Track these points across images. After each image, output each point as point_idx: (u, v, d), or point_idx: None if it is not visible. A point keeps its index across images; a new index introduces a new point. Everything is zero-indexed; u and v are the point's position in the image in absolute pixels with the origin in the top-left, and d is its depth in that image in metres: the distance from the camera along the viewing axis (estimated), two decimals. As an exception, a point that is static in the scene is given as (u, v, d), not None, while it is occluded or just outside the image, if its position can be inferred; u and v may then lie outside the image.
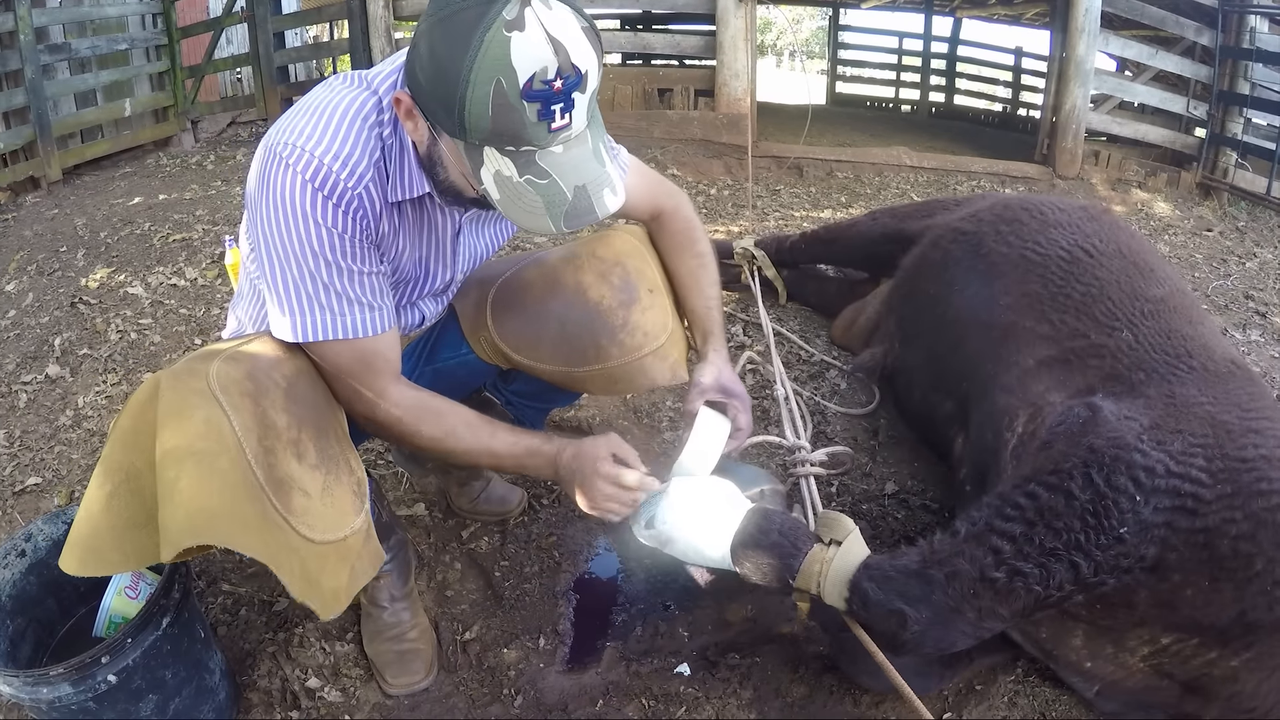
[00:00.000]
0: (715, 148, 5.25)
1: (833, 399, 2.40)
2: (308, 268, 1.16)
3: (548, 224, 1.09)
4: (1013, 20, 10.99)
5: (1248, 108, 5.57)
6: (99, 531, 1.10)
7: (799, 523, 1.40)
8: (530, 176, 1.07)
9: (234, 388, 1.10)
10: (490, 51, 0.98)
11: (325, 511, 1.15)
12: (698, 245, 1.59)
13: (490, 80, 0.99)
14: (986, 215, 2.02)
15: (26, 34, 4.73)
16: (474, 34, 0.98)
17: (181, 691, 1.36)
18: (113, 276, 3.26)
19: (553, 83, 1.00)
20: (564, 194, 1.08)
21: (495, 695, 1.54)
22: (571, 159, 1.09)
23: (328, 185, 1.13)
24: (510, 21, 0.98)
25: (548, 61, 0.99)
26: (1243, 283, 3.79)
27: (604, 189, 1.12)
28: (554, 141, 1.06)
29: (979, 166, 5.53)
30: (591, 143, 1.11)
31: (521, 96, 1.00)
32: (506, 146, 1.05)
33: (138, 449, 1.09)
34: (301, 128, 1.15)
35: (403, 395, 1.30)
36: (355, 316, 1.21)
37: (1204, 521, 1.21)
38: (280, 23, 6.43)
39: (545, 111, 1.02)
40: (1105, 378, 1.52)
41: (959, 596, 1.26)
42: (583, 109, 1.06)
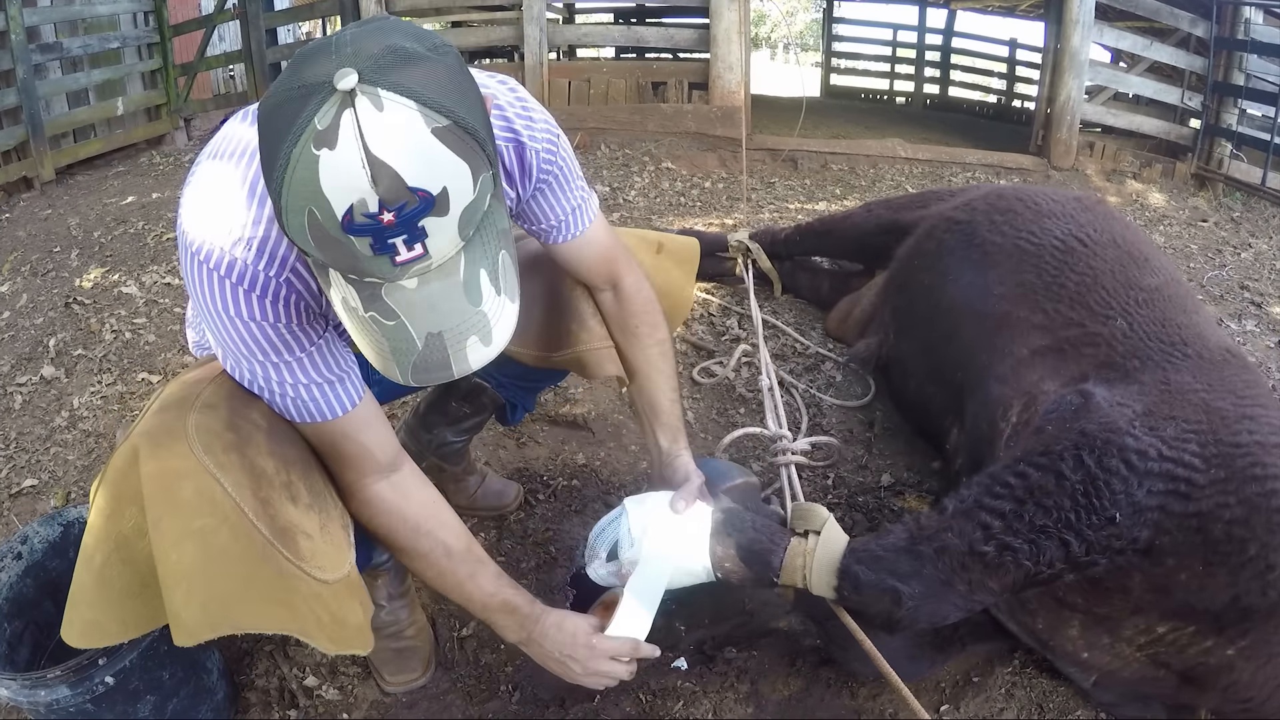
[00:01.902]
0: (709, 141, 5.25)
1: (828, 391, 2.40)
2: (257, 360, 1.04)
3: (395, 372, 0.90)
4: (1007, 11, 10.99)
5: (1242, 98, 5.58)
6: (95, 605, 1.07)
7: (771, 515, 1.39)
8: (374, 314, 0.87)
9: (216, 443, 1.03)
10: (298, 174, 0.77)
11: (328, 550, 1.11)
12: (658, 331, 1.47)
13: (302, 210, 0.78)
14: (980, 205, 2.03)
15: (18, 33, 4.71)
16: (282, 145, 0.78)
17: (179, 692, 1.35)
18: (107, 276, 3.25)
19: (379, 216, 0.77)
20: (413, 341, 0.88)
21: (493, 692, 1.54)
22: (427, 297, 0.86)
23: (246, 279, 0.98)
24: (321, 134, 0.76)
25: (363, 193, 0.76)
26: (1238, 273, 3.79)
27: (468, 337, 0.89)
28: (404, 274, 0.84)
29: (974, 158, 5.53)
30: (465, 271, 0.87)
31: (343, 229, 0.78)
32: (349, 275, 0.85)
33: (124, 517, 1.05)
34: (207, 207, 0.99)
35: (376, 497, 1.18)
36: (314, 400, 1.09)
37: (1197, 506, 1.21)
38: (272, 19, 6.41)
39: (380, 245, 0.80)
40: (1100, 366, 1.52)
41: (949, 570, 1.25)
42: (446, 234, 0.82)
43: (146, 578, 1.03)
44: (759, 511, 1.44)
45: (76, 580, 1.08)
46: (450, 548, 1.23)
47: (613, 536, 1.33)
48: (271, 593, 1.03)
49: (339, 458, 1.16)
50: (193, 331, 1.39)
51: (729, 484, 1.48)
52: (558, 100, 5.41)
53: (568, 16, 10.07)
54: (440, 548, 1.22)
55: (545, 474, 2.07)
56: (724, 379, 2.39)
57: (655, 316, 1.47)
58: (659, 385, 1.48)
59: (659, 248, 1.72)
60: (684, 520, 1.34)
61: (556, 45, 6.32)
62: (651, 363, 1.47)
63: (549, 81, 5.44)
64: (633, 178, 4.70)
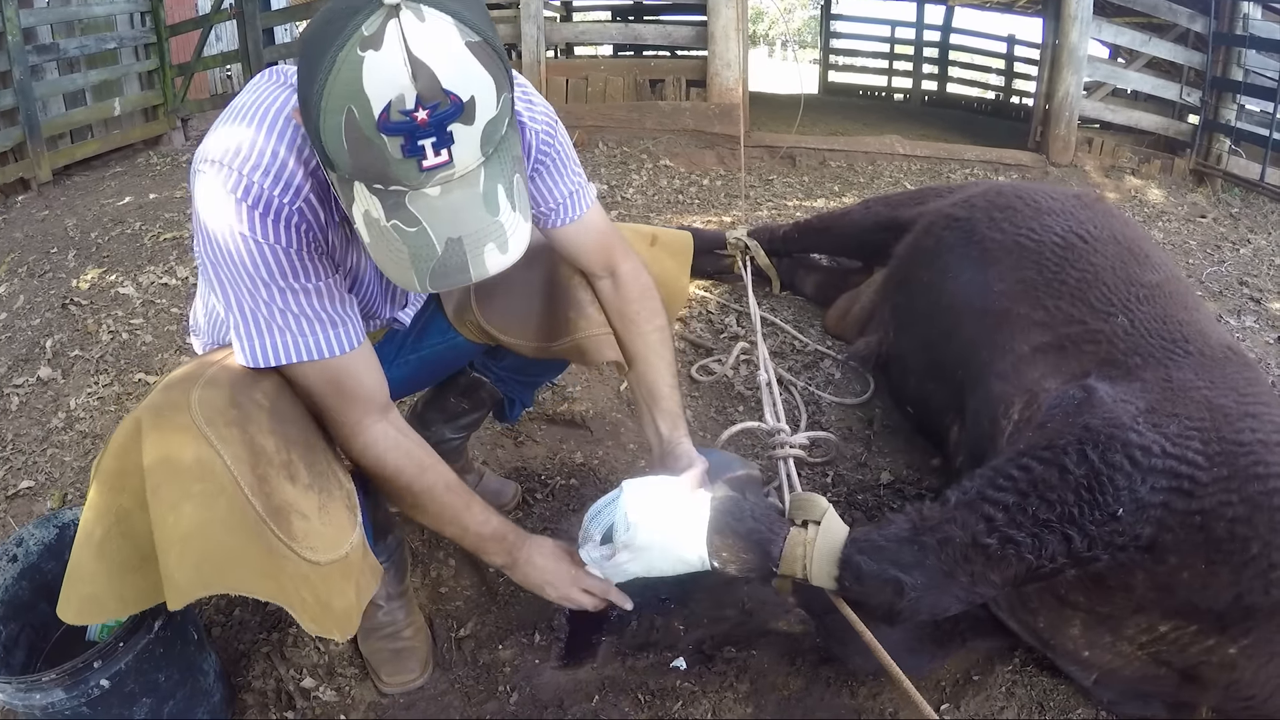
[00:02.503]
0: (708, 138, 5.24)
1: (827, 388, 2.40)
2: (259, 292, 1.07)
3: (412, 279, 0.95)
4: (1005, 8, 11.00)
5: (1241, 94, 5.58)
6: (94, 579, 1.06)
7: (770, 506, 1.37)
8: (397, 221, 0.92)
9: (219, 418, 1.05)
10: (341, 75, 0.85)
11: (325, 531, 1.12)
12: (656, 318, 1.46)
13: (341, 109, 0.86)
14: (980, 201, 2.02)
15: (14, 34, 4.70)
16: (328, 52, 0.85)
17: (175, 694, 1.35)
18: (104, 277, 3.24)
19: (413, 113, 0.85)
20: (433, 246, 0.93)
21: (491, 692, 1.53)
22: (449, 205, 0.92)
23: (261, 202, 1.03)
24: (368, 38, 0.84)
25: (403, 88, 0.84)
26: (1237, 269, 3.79)
27: (486, 244, 0.95)
28: (428, 182, 0.91)
29: (972, 154, 5.53)
30: (484, 184, 0.94)
31: (378, 129, 0.86)
32: (374, 184, 0.91)
33: (125, 490, 1.05)
34: (228, 142, 1.04)
35: (383, 434, 1.21)
36: (316, 335, 1.11)
37: (1200, 504, 1.21)
38: (269, 19, 6.40)
39: (411, 147, 0.87)
40: (1101, 363, 1.51)
41: (951, 561, 1.24)
42: (470, 143, 0.90)
43: (146, 552, 1.03)
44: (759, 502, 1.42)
45: (75, 556, 1.08)
46: (449, 481, 1.26)
47: (609, 519, 1.30)
48: (260, 565, 1.03)
49: (342, 396, 1.16)
50: (197, 340, 1.39)
51: (730, 475, 1.46)
52: (555, 98, 5.40)
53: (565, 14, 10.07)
54: (441, 481, 1.25)
55: (543, 473, 2.06)
56: (722, 376, 2.38)
57: (653, 303, 1.47)
58: (658, 371, 1.47)
59: (653, 240, 1.72)
60: (681, 507, 1.31)
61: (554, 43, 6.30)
62: (651, 348, 1.46)
63: (546, 79, 5.43)
64: (631, 175, 4.70)
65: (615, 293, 1.46)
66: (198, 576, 0.99)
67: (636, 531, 1.26)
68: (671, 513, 1.30)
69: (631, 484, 1.32)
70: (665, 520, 1.29)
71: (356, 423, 1.19)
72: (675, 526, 1.29)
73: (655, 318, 1.47)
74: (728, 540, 1.29)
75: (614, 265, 1.45)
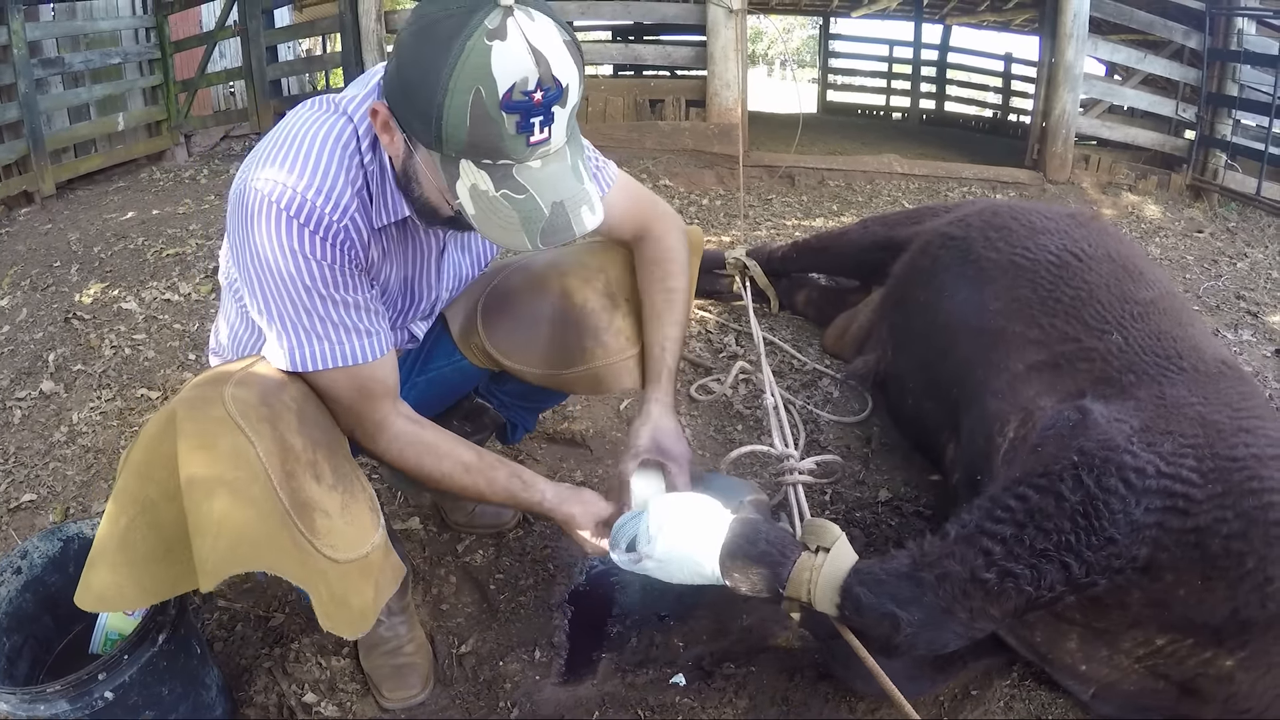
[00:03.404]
0: (707, 158, 5.27)
1: (825, 407, 2.41)
2: (301, 301, 1.15)
3: (524, 240, 1.07)
4: (1002, 27, 11.06)
5: (1236, 109, 5.61)
6: (116, 567, 1.09)
7: (785, 531, 1.40)
8: (507, 191, 1.05)
9: (252, 413, 1.10)
10: (471, 60, 0.97)
11: (347, 530, 1.16)
12: (670, 279, 1.51)
13: (469, 89, 0.98)
14: (975, 220, 2.04)
15: (20, 48, 4.74)
16: (455, 42, 0.97)
17: (178, 708, 1.35)
18: (106, 291, 3.26)
19: (533, 94, 0.99)
20: (541, 210, 1.06)
21: (492, 708, 1.54)
22: (549, 175, 1.07)
23: (313, 220, 1.12)
24: (492, 30, 0.97)
25: (529, 72, 0.98)
26: (1234, 283, 3.81)
27: (582, 206, 1.10)
28: (532, 156, 1.05)
29: (970, 172, 5.55)
30: (570, 159, 1.09)
31: (500, 107, 0.99)
32: (483, 160, 1.04)
33: (153, 481, 1.08)
34: (280, 161, 1.13)
35: (403, 428, 1.30)
36: (351, 344, 1.20)
37: (1195, 521, 1.22)
38: (273, 36, 6.44)
39: (524, 124, 1.01)
40: (1096, 381, 1.52)
41: (950, 598, 1.26)
42: (562, 124, 1.05)
43: (171, 543, 1.06)
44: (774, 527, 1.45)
45: (99, 541, 1.10)
46: (466, 462, 1.34)
47: (632, 532, 1.37)
48: (288, 551, 1.08)
49: (368, 398, 1.25)
50: (218, 359, 1.42)
51: (742, 499, 1.50)
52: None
53: (566, 33, 10.12)
54: (459, 465, 1.33)
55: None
56: (721, 396, 2.40)
57: (669, 265, 1.51)
58: (652, 330, 1.50)
59: None
60: (701, 525, 1.36)
61: (555, 61, 6.32)
62: (653, 307, 1.50)
63: (547, 97, 5.45)
64: (631, 193, 4.71)
65: (640, 251, 1.53)
66: (231, 554, 1.03)
67: (656, 544, 1.33)
68: (691, 530, 1.35)
69: (659, 500, 1.38)
70: (684, 537, 1.34)
71: (382, 420, 1.28)
72: (693, 543, 1.34)
73: (667, 279, 1.50)
74: (739, 561, 1.33)
75: (646, 229, 1.51)
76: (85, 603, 1.09)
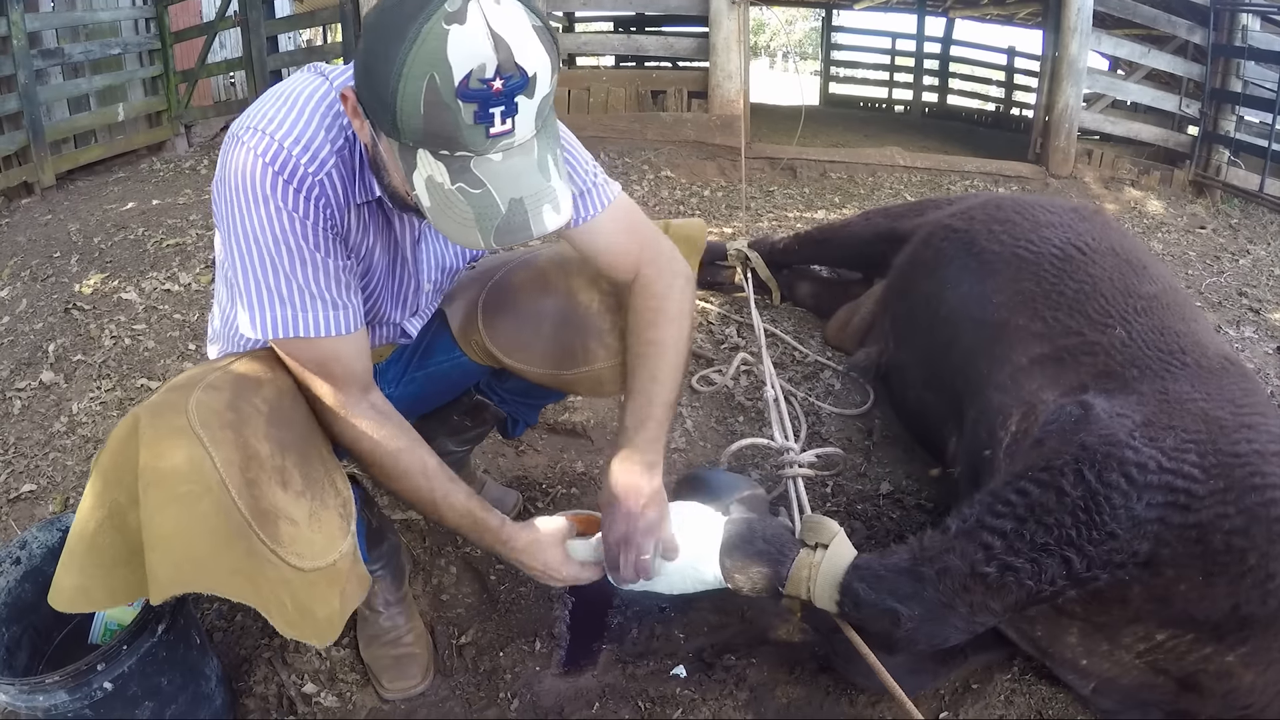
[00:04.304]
0: (709, 149, 5.26)
1: (827, 399, 2.41)
2: (268, 255, 1.11)
3: (477, 238, 1.01)
4: (1005, 20, 11.03)
5: (1240, 105, 5.60)
6: (85, 569, 1.09)
7: (782, 528, 1.40)
8: (462, 184, 0.99)
9: (214, 420, 1.07)
10: (426, 44, 0.91)
11: (314, 538, 1.13)
12: (654, 329, 1.38)
13: (423, 75, 0.92)
14: (979, 213, 2.03)
15: (20, 39, 4.72)
16: (411, 25, 0.92)
17: (177, 698, 1.35)
18: (107, 282, 3.25)
19: (491, 82, 0.93)
20: (497, 207, 1.00)
21: (492, 699, 1.54)
22: (510, 169, 1.00)
23: (287, 169, 1.08)
24: (452, 14, 0.91)
25: (486, 58, 0.92)
26: (1236, 280, 3.80)
27: (544, 205, 1.02)
28: (492, 148, 0.98)
29: (972, 166, 5.54)
30: (538, 153, 1.02)
31: (456, 95, 0.93)
32: (440, 150, 0.98)
33: (120, 486, 1.07)
34: (263, 112, 1.11)
35: (365, 416, 1.23)
36: (315, 314, 1.15)
37: (1197, 517, 1.22)
38: (273, 27, 6.41)
39: (483, 114, 0.94)
40: (1098, 375, 1.52)
41: (950, 592, 1.26)
42: (529, 115, 0.98)
43: (135, 547, 1.05)
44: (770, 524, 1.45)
45: (69, 546, 1.10)
46: (428, 466, 1.27)
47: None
48: (238, 567, 1.06)
49: (332, 376, 1.21)
50: (214, 347, 1.40)
51: (737, 495, 1.49)
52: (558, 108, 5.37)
53: (567, 25, 10.10)
54: (419, 465, 1.27)
55: (544, 482, 2.07)
56: (723, 387, 2.39)
57: (652, 315, 1.38)
58: (630, 383, 1.39)
59: (665, 229, 1.65)
60: (697, 532, 1.35)
61: (556, 53, 6.30)
62: (634, 362, 1.39)
63: (549, 89, 5.45)
64: (632, 186, 4.71)
65: (629, 298, 1.41)
66: (177, 574, 1.02)
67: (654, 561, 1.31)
68: (687, 539, 1.35)
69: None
70: (685, 545, 1.34)
71: (343, 402, 1.22)
72: (690, 551, 1.34)
73: (647, 330, 1.38)
74: (738, 561, 1.33)
75: (638, 271, 1.40)
76: (57, 603, 1.09)
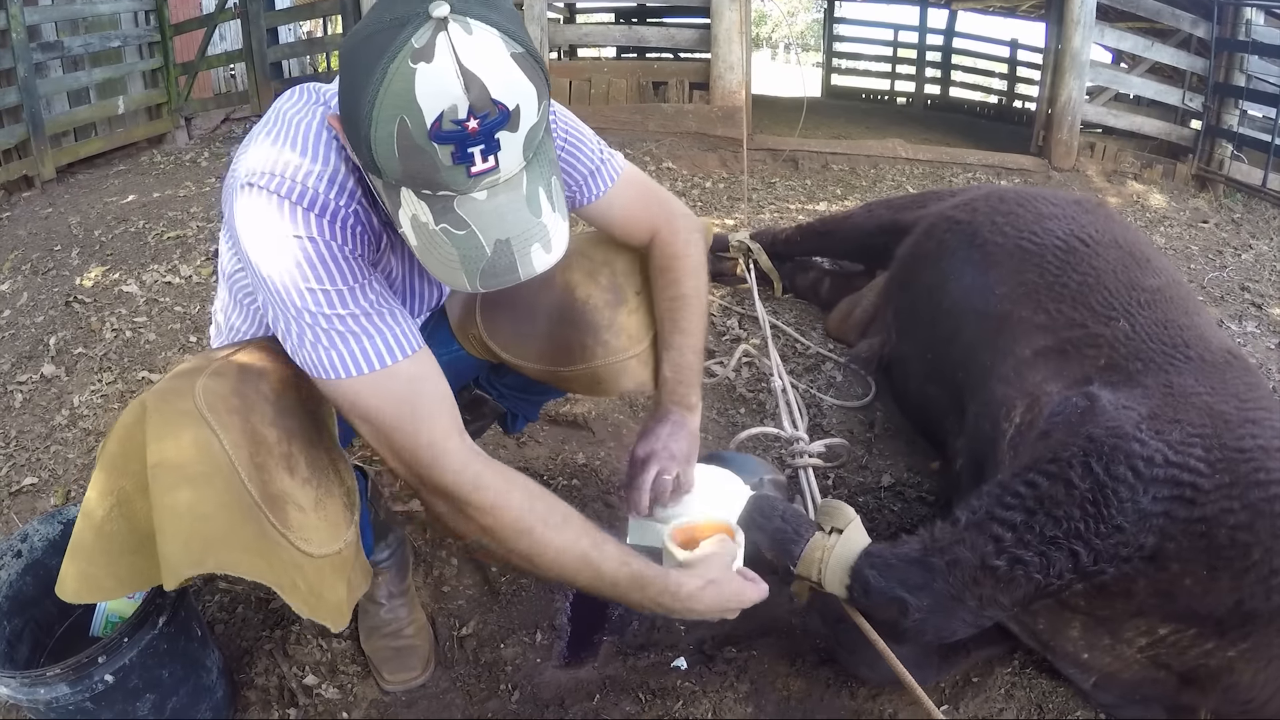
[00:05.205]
0: (710, 141, 5.24)
1: (829, 391, 2.40)
2: (308, 299, 1.02)
3: (463, 280, 0.97)
4: (1008, 12, 10.99)
5: (1243, 100, 5.58)
6: (93, 558, 1.08)
7: (800, 511, 1.41)
8: (446, 225, 0.94)
9: (220, 405, 1.06)
10: (393, 86, 0.86)
11: (320, 525, 1.12)
12: (675, 286, 1.42)
13: (394, 119, 0.87)
14: (981, 205, 2.02)
15: (19, 32, 4.71)
16: (379, 63, 0.87)
17: (179, 690, 1.35)
18: (107, 275, 3.25)
19: (465, 123, 0.87)
20: (483, 248, 0.95)
21: (492, 691, 1.54)
22: (496, 208, 0.94)
23: (316, 204, 1.03)
24: (418, 50, 0.86)
25: (456, 99, 0.86)
26: (1238, 274, 3.79)
27: (532, 244, 0.97)
28: (475, 187, 0.93)
29: (974, 158, 5.53)
30: (527, 187, 0.96)
31: (430, 138, 0.88)
32: (422, 189, 0.93)
33: (127, 473, 1.06)
34: (273, 154, 1.04)
35: (475, 455, 1.11)
36: (379, 330, 1.05)
37: (1202, 511, 1.21)
38: (273, 18, 6.40)
39: (461, 154, 0.89)
40: (1102, 368, 1.51)
41: (960, 584, 1.26)
42: (514, 149, 0.92)
43: (144, 535, 1.04)
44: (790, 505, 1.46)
45: (76, 534, 1.09)
46: (568, 514, 1.13)
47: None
48: (253, 545, 1.03)
49: (417, 413, 1.07)
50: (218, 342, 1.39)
51: (755, 479, 1.52)
52: (558, 99, 5.34)
53: (569, 16, 10.07)
54: (559, 513, 1.12)
55: (545, 473, 2.06)
56: (724, 379, 2.39)
57: (676, 270, 1.42)
58: (663, 336, 1.44)
59: None
60: (722, 494, 1.37)
61: (557, 45, 6.31)
62: (662, 316, 1.44)
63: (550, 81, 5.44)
64: (633, 177, 4.69)
65: (649, 259, 1.45)
66: (188, 555, 0.99)
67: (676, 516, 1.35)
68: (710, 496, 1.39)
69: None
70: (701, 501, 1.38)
71: (442, 439, 1.09)
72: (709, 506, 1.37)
73: (669, 287, 1.42)
74: (754, 535, 1.34)
75: (655, 231, 1.43)
76: (64, 593, 1.08)
